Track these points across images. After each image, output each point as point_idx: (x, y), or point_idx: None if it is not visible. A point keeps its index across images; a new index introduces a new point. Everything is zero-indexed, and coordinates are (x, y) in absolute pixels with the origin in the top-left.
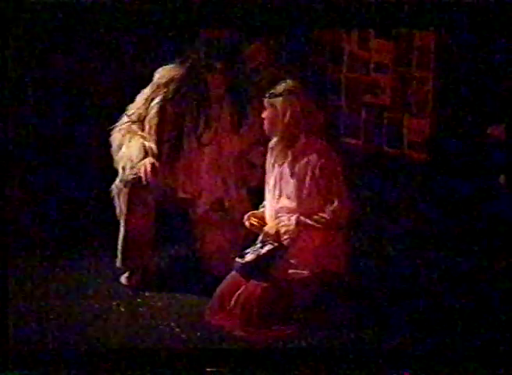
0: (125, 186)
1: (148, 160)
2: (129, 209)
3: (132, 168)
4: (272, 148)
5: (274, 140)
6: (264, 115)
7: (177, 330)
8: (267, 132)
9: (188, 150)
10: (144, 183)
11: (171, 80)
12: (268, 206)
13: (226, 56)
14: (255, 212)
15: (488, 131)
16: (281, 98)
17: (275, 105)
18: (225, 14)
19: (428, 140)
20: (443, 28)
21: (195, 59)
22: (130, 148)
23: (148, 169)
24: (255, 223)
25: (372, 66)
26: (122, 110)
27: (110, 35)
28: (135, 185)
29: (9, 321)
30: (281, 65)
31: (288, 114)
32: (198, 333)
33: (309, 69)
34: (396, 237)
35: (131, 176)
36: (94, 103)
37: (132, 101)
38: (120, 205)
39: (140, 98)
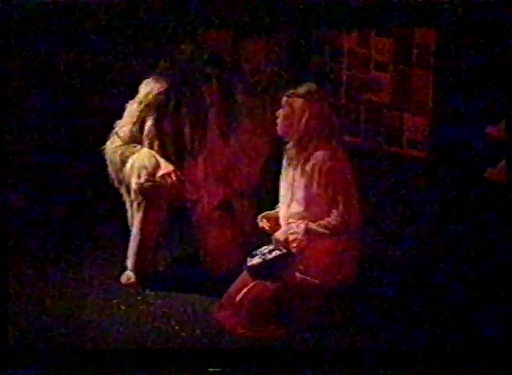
0: (142, 195)
1: (170, 168)
2: (145, 217)
3: (149, 175)
4: (287, 151)
5: (290, 143)
6: (280, 113)
7: (177, 328)
8: (280, 132)
9: (187, 158)
10: (172, 192)
11: (159, 95)
12: (281, 210)
13: (221, 63)
14: (269, 213)
15: (486, 131)
16: (301, 100)
17: (292, 106)
18: (223, 13)
19: (428, 138)
20: (443, 27)
21: (187, 67)
22: (139, 158)
23: (174, 178)
24: (266, 227)
25: (372, 64)
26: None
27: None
28: (152, 193)
29: (9, 321)
30: (280, 64)
31: (305, 117)
32: (198, 332)
33: (309, 68)
34: (396, 236)
35: (148, 184)
36: (102, 103)
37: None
38: (133, 212)
39: (130, 118)
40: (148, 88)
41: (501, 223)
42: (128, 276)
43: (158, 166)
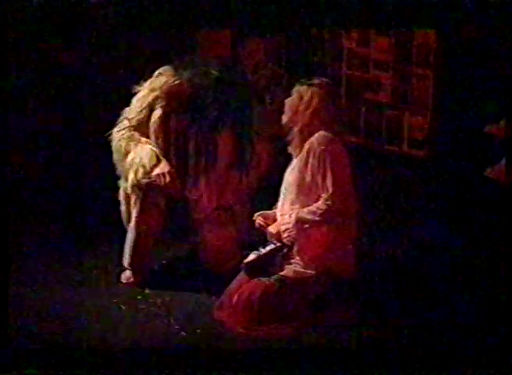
0: (139, 190)
1: (166, 168)
2: (141, 212)
3: (145, 173)
4: (290, 142)
5: (293, 132)
6: (287, 101)
7: (177, 327)
8: (284, 119)
9: (190, 156)
10: (166, 191)
11: (171, 88)
12: (279, 203)
13: (217, 86)
14: (266, 212)
15: (486, 129)
16: (311, 89)
17: (301, 94)
18: (224, 12)
19: (428, 137)
20: (443, 26)
21: (193, 75)
22: (140, 153)
23: (168, 179)
24: (262, 224)
25: (372, 63)
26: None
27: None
28: (148, 189)
29: (9, 321)
30: (280, 64)
31: (312, 106)
32: (198, 331)
33: (309, 68)
34: (396, 235)
35: (145, 181)
36: (99, 103)
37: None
38: (128, 209)
39: (139, 103)
40: (164, 78)
41: (501, 222)
42: (128, 275)
43: (156, 164)
